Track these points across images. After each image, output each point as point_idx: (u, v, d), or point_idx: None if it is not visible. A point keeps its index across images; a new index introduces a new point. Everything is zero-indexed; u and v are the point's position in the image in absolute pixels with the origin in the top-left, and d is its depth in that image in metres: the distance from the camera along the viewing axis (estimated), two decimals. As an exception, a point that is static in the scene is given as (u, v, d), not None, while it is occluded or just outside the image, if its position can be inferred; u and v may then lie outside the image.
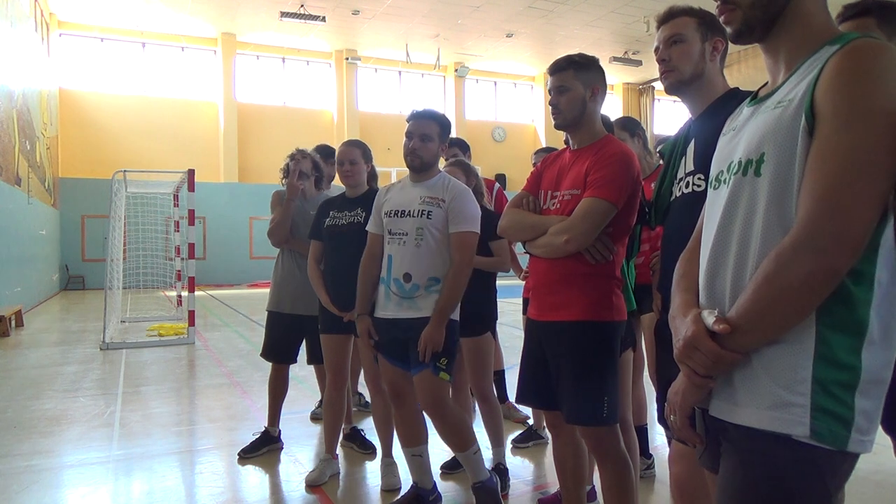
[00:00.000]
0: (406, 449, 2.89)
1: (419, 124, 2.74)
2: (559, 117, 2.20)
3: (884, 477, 3.16)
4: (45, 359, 6.76)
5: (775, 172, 1.08)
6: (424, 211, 2.69)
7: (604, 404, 2.08)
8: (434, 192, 2.73)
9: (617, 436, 2.18)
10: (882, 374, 1.05)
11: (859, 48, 1.04)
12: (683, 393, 1.17)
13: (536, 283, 2.24)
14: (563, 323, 2.12)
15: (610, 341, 2.13)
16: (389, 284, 2.73)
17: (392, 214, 2.77)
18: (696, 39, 1.83)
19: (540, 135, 23.82)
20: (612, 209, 2.06)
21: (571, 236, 2.05)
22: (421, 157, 2.73)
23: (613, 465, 2.17)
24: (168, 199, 11.95)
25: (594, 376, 2.08)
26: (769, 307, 1.04)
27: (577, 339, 2.10)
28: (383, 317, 2.76)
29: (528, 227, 2.22)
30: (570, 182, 2.17)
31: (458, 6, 16.67)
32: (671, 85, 1.86)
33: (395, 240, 2.74)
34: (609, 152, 2.14)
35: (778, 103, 1.12)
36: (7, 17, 10.89)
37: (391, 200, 2.81)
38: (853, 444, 1.02)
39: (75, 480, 3.31)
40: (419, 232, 2.68)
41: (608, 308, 2.12)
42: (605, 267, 2.13)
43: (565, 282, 2.12)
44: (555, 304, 2.15)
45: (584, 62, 2.18)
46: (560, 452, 2.34)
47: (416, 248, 2.67)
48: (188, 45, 19.38)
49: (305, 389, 5.16)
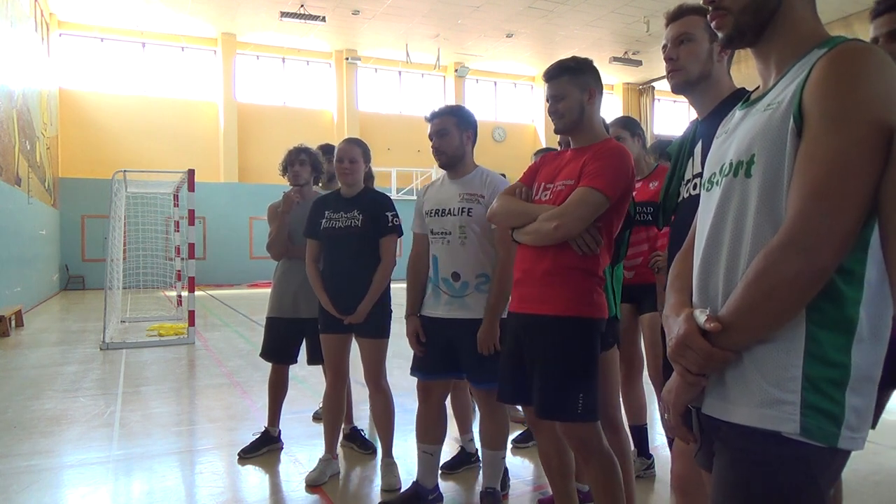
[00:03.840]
0: (421, 444, 2.90)
1: (434, 124, 2.76)
2: (559, 123, 2.21)
3: (884, 477, 3.17)
4: (45, 359, 6.77)
5: (765, 173, 1.10)
6: (465, 208, 2.69)
7: (578, 400, 2.06)
8: (472, 189, 2.73)
9: (598, 434, 2.17)
10: (872, 371, 1.06)
11: (846, 51, 1.05)
12: (677, 391, 1.18)
13: (521, 275, 2.22)
14: (544, 317, 2.12)
15: (589, 337, 2.11)
16: (438, 284, 2.74)
17: (433, 213, 2.77)
18: (704, 39, 1.81)
19: (540, 135, 23.82)
20: (605, 201, 2.06)
21: (562, 222, 2.04)
22: (444, 152, 2.74)
23: (597, 463, 2.16)
24: (168, 199, 11.96)
25: (569, 371, 2.07)
26: (759, 306, 1.05)
27: (555, 334, 2.10)
28: (433, 316, 2.77)
29: (517, 213, 2.21)
30: (565, 175, 2.18)
31: (458, 6, 16.67)
32: (678, 84, 1.85)
33: (438, 239, 2.75)
34: (606, 147, 2.16)
35: (768, 106, 1.14)
36: (7, 17, 10.89)
37: (431, 199, 2.82)
38: (844, 441, 1.03)
39: (75, 480, 3.32)
40: (462, 230, 2.69)
41: (588, 304, 2.11)
42: (590, 263, 2.12)
43: (550, 275, 2.12)
44: (537, 297, 2.14)
45: (577, 67, 2.18)
46: (544, 449, 2.33)
47: (460, 246, 2.69)
48: (188, 45, 19.39)
49: (305, 389, 5.17)
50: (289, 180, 3.74)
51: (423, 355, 2.82)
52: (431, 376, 2.83)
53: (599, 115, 2.28)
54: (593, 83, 2.20)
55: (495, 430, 2.81)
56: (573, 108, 2.17)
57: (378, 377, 3.19)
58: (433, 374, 2.82)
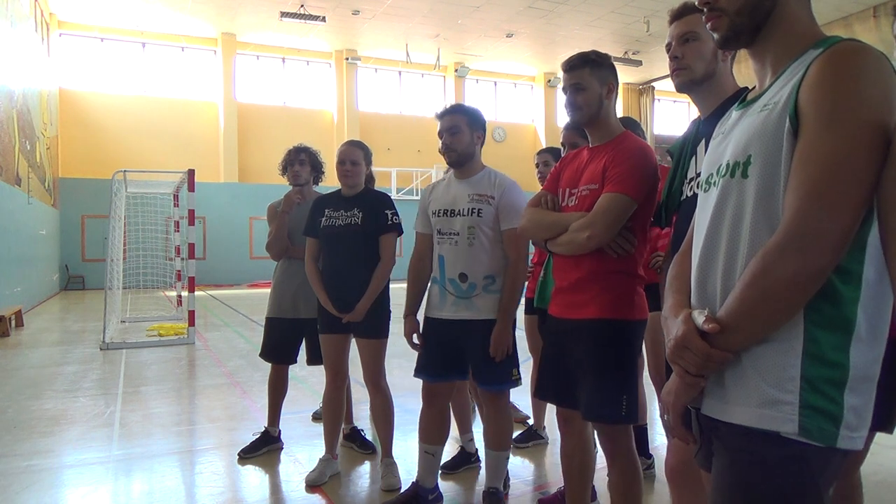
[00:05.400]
0: (423, 444, 2.90)
1: (445, 121, 2.75)
2: (576, 114, 2.18)
3: (884, 477, 3.17)
4: (45, 359, 6.77)
5: (762, 174, 1.10)
6: (475, 209, 2.68)
7: (623, 402, 2.07)
8: (482, 189, 2.72)
9: (630, 436, 2.18)
10: (870, 370, 1.06)
11: (841, 51, 1.05)
12: (676, 392, 1.18)
13: (559, 281, 2.24)
14: (585, 321, 2.12)
15: (631, 340, 2.12)
16: (444, 285, 2.74)
17: (441, 214, 2.76)
18: (709, 38, 1.78)
19: (540, 135, 23.82)
20: (632, 204, 2.05)
21: (593, 232, 2.04)
22: (455, 149, 2.72)
23: (623, 464, 2.17)
24: (168, 199, 11.96)
25: (615, 374, 2.08)
26: (756, 306, 1.05)
27: (598, 338, 2.10)
28: (439, 317, 2.77)
29: (547, 225, 2.21)
30: (587, 178, 2.17)
31: (458, 6, 16.67)
32: (682, 83, 1.83)
33: (446, 240, 2.73)
34: (627, 147, 2.14)
35: (764, 106, 1.14)
36: (7, 17, 10.89)
37: (437, 199, 2.80)
38: (842, 441, 1.03)
39: (75, 480, 3.32)
40: (471, 231, 2.68)
41: (630, 306, 2.12)
42: (628, 264, 2.12)
43: (588, 280, 2.12)
44: (577, 302, 2.14)
45: (599, 60, 2.17)
46: (568, 449, 2.33)
47: (468, 247, 2.68)
48: (188, 45, 19.39)
49: (305, 389, 5.17)
50: (289, 180, 3.74)
51: (429, 357, 2.81)
52: (438, 378, 2.82)
53: (615, 111, 2.27)
54: (612, 78, 2.19)
55: (500, 431, 2.81)
56: (592, 101, 2.15)
57: (377, 377, 3.19)
58: (439, 377, 2.81)
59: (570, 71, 2.16)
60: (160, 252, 13.13)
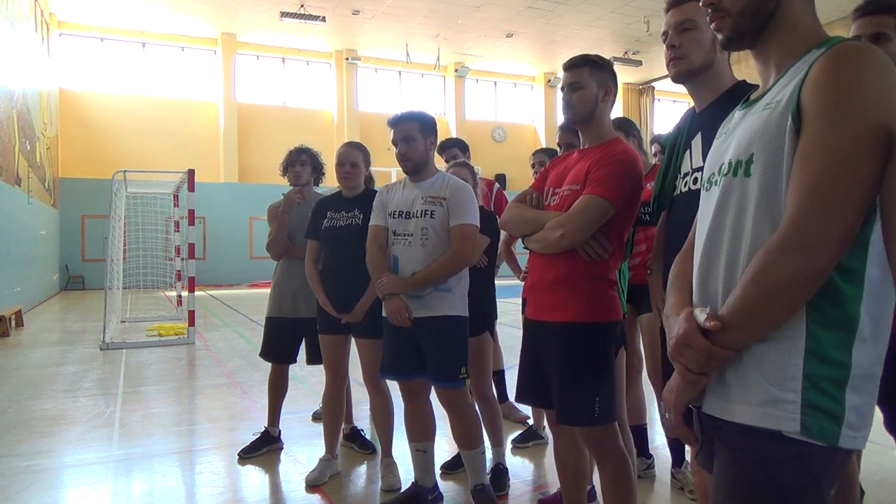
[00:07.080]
0: (412, 444, 2.91)
1: (398, 129, 2.76)
2: (570, 113, 2.19)
3: (884, 477, 3.17)
4: (45, 359, 6.76)
5: (764, 172, 1.10)
6: (427, 211, 2.71)
7: (595, 404, 2.07)
8: (434, 192, 2.75)
9: (615, 435, 2.18)
10: (873, 370, 1.06)
11: (845, 50, 1.05)
12: (677, 391, 1.18)
13: (533, 282, 2.24)
14: (557, 324, 2.13)
15: (603, 342, 2.12)
16: None
17: (396, 216, 2.78)
18: (707, 27, 1.79)
19: (540, 135, 23.83)
20: (609, 208, 2.05)
21: (566, 231, 2.05)
22: (410, 158, 2.75)
23: (612, 464, 2.17)
24: (168, 199, 11.97)
25: (585, 377, 2.08)
26: (758, 304, 1.05)
27: (569, 340, 2.11)
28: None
29: (526, 221, 2.23)
30: (571, 178, 2.18)
31: (458, 6, 16.67)
32: (679, 73, 1.79)
33: (400, 241, 2.76)
34: (613, 151, 2.13)
35: (766, 105, 1.14)
36: (7, 17, 10.89)
37: (393, 201, 2.82)
38: (844, 440, 1.03)
39: (75, 480, 3.31)
40: (424, 232, 2.70)
41: (602, 309, 2.12)
42: (601, 268, 2.12)
43: (560, 283, 2.12)
44: (550, 304, 2.15)
45: (600, 62, 2.19)
46: (561, 451, 2.34)
47: (421, 247, 2.70)
48: (188, 45, 19.39)
49: (305, 389, 5.17)
50: (289, 180, 3.74)
51: (391, 357, 2.82)
52: (409, 377, 2.83)
53: (610, 116, 2.28)
54: (611, 82, 2.20)
55: (466, 430, 2.80)
56: (588, 101, 2.15)
57: (377, 377, 3.18)
58: (409, 375, 2.82)
59: (570, 69, 2.17)
60: (160, 252, 13.13)
